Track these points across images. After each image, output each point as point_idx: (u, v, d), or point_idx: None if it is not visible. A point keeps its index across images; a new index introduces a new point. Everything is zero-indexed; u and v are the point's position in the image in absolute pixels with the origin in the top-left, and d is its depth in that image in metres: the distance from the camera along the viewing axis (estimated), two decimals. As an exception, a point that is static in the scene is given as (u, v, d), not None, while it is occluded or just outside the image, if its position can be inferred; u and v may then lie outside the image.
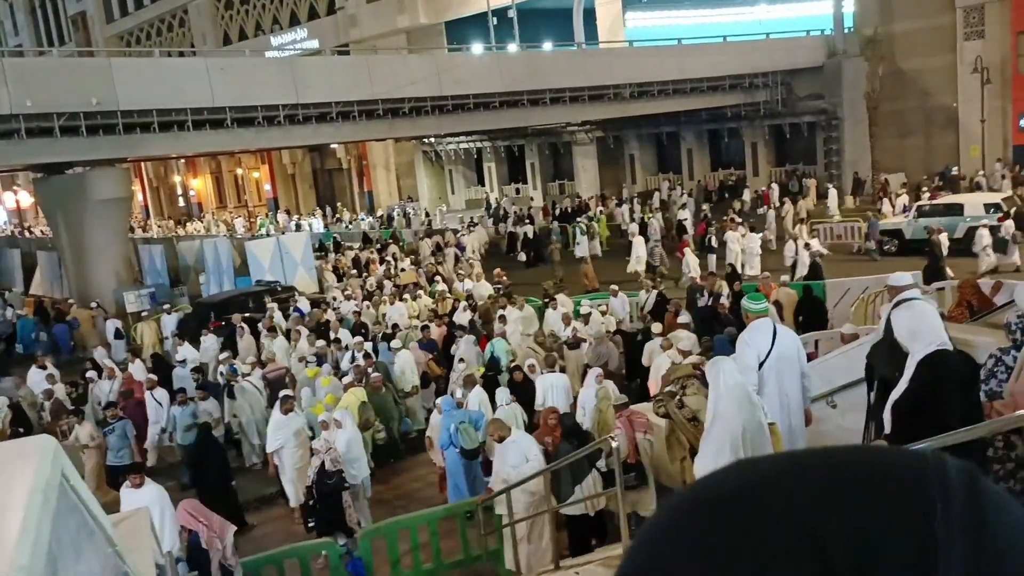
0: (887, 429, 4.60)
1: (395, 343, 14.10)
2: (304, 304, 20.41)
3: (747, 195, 33.08)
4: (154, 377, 13.63)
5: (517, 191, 45.97)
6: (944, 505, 0.59)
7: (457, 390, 11.73)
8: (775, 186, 32.97)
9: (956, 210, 21.80)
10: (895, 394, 4.58)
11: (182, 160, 53.61)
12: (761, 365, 6.00)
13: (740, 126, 38.01)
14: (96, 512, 2.45)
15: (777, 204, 28.53)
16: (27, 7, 68.84)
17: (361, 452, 10.30)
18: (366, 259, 27.81)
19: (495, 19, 35.49)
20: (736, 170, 39.94)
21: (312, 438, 10.69)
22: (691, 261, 19.67)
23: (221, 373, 14.12)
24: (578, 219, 30.57)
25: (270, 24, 51.70)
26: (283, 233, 35.41)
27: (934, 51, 32.92)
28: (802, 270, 18.07)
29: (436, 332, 15.33)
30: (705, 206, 31.67)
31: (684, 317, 12.87)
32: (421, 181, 48.43)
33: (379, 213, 44.72)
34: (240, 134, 24.37)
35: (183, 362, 15.20)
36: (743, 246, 21.25)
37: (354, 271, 26.76)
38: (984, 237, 19.04)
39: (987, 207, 21.44)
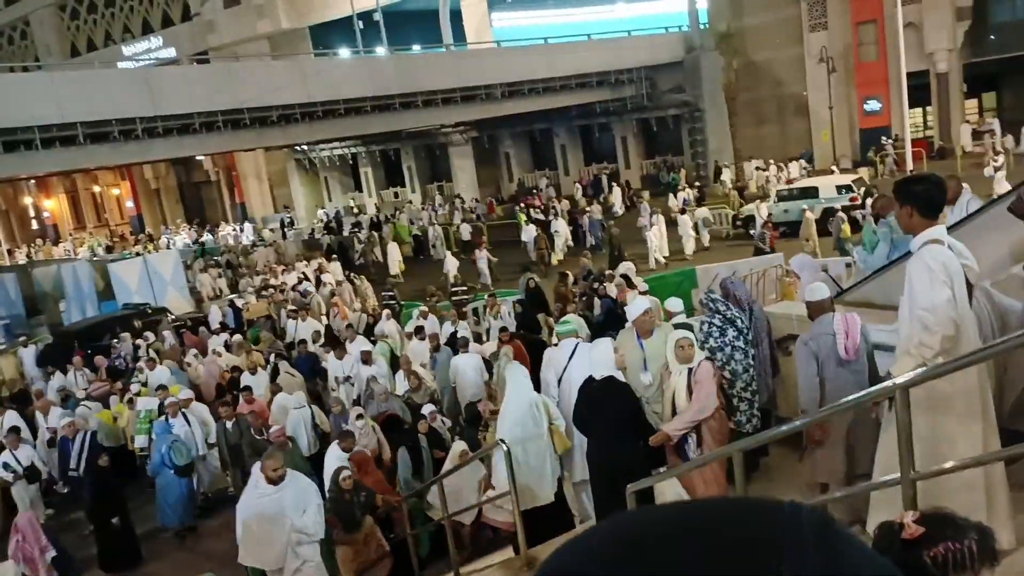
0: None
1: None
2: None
3: (617, 193, 33.87)
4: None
5: (395, 195, 45.61)
6: (793, 551, 0.65)
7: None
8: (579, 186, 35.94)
9: (811, 193, 23.17)
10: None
11: (32, 180, 50.17)
12: (560, 380, 6.81)
13: (610, 121, 39.06)
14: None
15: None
16: None
17: None
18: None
19: (361, 23, 34.94)
20: (609, 163, 41.03)
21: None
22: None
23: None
24: (358, 231, 33.10)
25: (121, 33, 49.10)
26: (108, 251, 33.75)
27: (783, 43, 34.85)
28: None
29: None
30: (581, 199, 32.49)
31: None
32: (296, 189, 47.22)
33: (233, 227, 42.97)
34: (94, 151, 23.01)
35: None
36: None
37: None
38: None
39: (839, 188, 22.90)
